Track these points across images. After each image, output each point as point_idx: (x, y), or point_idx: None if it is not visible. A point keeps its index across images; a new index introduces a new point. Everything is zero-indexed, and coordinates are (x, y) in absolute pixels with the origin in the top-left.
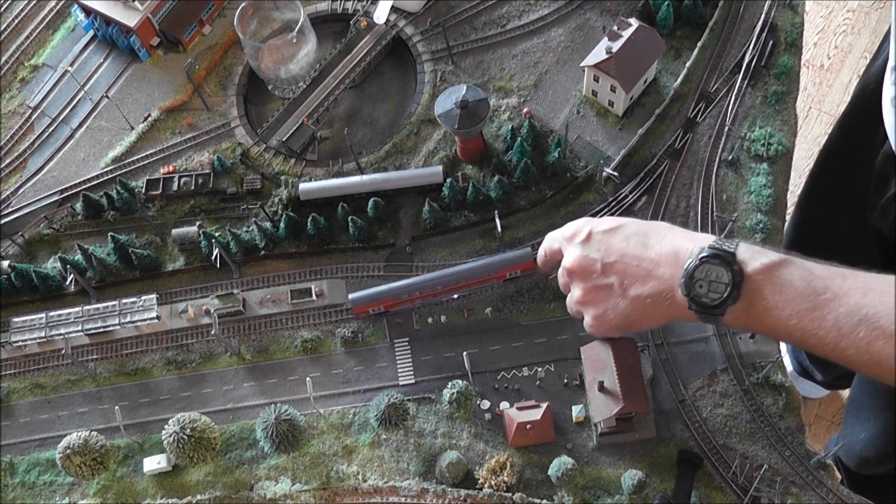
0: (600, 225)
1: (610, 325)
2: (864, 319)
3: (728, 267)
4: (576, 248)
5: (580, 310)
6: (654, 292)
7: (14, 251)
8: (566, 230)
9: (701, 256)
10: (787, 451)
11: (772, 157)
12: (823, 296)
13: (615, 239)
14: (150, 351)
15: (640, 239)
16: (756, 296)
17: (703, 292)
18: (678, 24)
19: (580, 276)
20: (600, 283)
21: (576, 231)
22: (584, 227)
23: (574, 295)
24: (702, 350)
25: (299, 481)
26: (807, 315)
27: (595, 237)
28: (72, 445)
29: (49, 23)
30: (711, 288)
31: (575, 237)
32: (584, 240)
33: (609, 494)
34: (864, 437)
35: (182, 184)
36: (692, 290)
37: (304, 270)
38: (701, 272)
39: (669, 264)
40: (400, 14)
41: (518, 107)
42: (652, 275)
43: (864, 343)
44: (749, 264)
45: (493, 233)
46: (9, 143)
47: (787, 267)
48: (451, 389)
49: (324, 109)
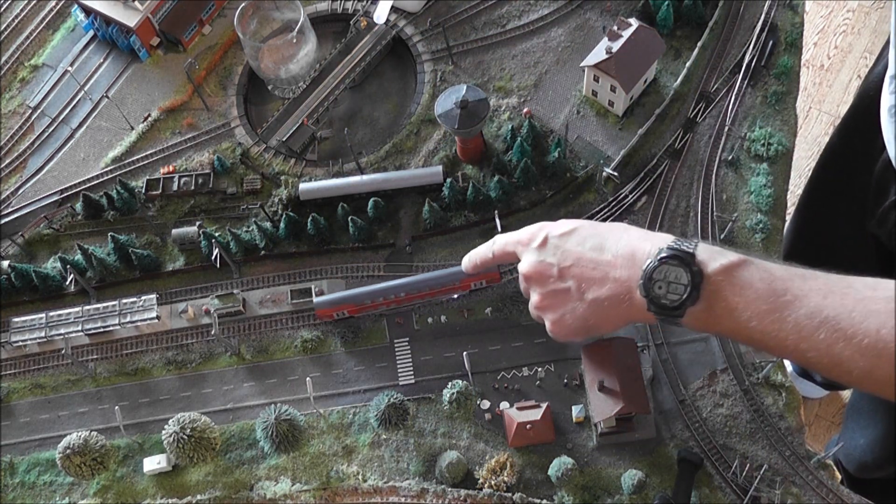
0: (555, 229)
1: (569, 330)
2: (825, 321)
3: (687, 268)
4: (532, 253)
5: (539, 315)
6: (612, 294)
7: (14, 251)
8: (521, 235)
9: (659, 257)
10: (787, 451)
11: (772, 157)
12: (784, 297)
13: (570, 242)
14: (150, 351)
15: (596, 241)
16: (716, 297)
17: (661, 293)
18: (678, 24)
19: (537, 281)
20: (557, 287)
21: (531, 236)
22: (540, 231)
23: (533, 300)
24: (702, 350)
25: (299, 481)
26: (767, 316)
27: (551, 242)
28: (72, 445)
29: (49, 23)
30: (670, 289)
31: (531, 242)
32: (539, 245)
33: (609, 494)
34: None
35: (182, 184)
36: (651, 292)
37: (304, 270)
38: (659, 273)
39: (626, 266)
40: (400, 14)
41: (518, 107)
42: (609, 277)
43: (825, 345)
44: (708, 265)
45: (493, 233)
46: (9, 143)
47: (747, 268)
48: (451, 389)
49: (324, 109)
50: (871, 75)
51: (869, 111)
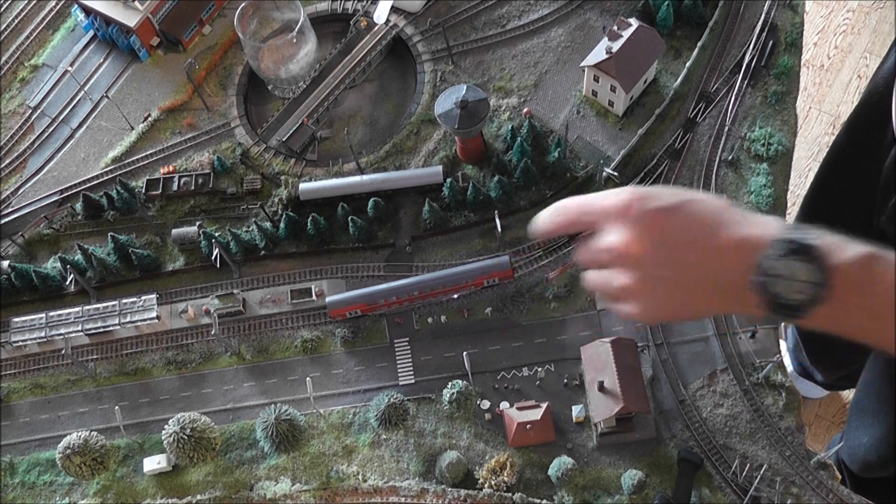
0: (653, 201)
1: (662, 317)
2: None
3: (813, 263)
4: (626, 228)
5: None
6: (720, 287)
7: (14, 251)
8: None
9: (779, 251)
10: (787, 451)
11: (772, 157)
12: None
13: (675, 222)
14: (150, 351)
15: (703, 224)
16: (848, 294)
17: (782, 292)
18: (678, 24)
19: (633, 263)
20: (656, 273)
21: (625, 207)
22: (635, 202)
23: (618, 281)
24: (702, 350)
25: (299, 481)
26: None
27: (650, 218)
28: (72, 445)
29: (49, 23)
30: (793, 288)
31: (624, 214)
32: (636, 219)
33: (609, 494)
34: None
35: (182, 184)
36: (768, 290)
37: (304, 270)
38: (779, 268)
39: (738, 256)
40: (400, 14)
41: (518, 107)
42: (719, 269)
43: None
44: (836, 256)
45: (493, 233)
46: (9, 143)
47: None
48: (451, 389)
49: (324, 109)
50: (879, 73)
51: (877, 109)
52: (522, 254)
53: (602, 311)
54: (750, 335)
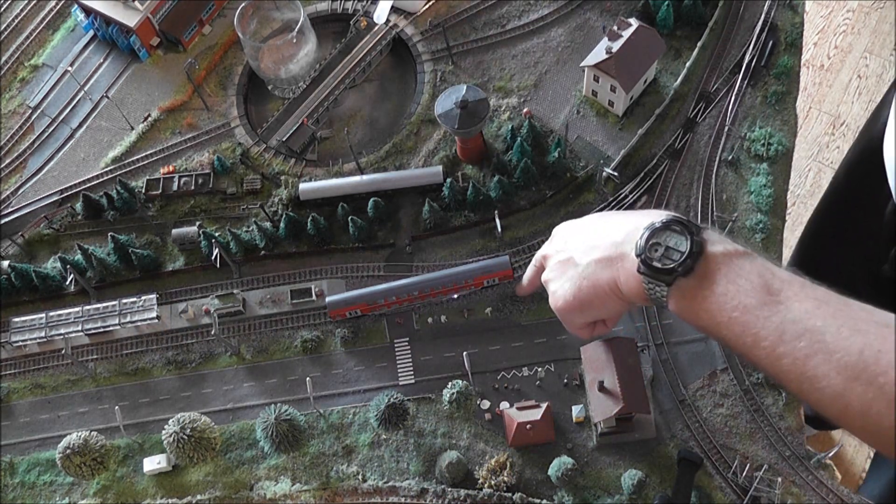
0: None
1: (564, 299)
2: (809, 330)
3: (690, 237)
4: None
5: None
6: (604, 257)
7: (14, 251)
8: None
9: (665, 220)
10: (787, 451)
11: (772, 157)
12: (776, 297)
13: (577, 223)
14: (150, 351)
15: (601, 218)
16: (709, 276)
17: (657, 255)
18: (678, 24)
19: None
20: (559, 258)
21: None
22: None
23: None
24: (702, 350)
25: (299, 481)
26: (752, 311)
27: (561, 228)
28: (72, 445)
29: (49, 23)
30: (667, 254)
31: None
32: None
33: (609, 494)
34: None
35: (182, 184)
36: (645, 252)
37: (304, 270)
38: (661, 236)
39: (623, 232)
40: (400, 14)
41: (518, 107)
42: (604, 242)
43: (802, 355)
44: (713, 244)
45: (493, 233)
46: (9, 143)
47: (750, 260)
48: (451, 389)
49: (324, 109)
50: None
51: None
52: (522, 254)
53: None
54: None
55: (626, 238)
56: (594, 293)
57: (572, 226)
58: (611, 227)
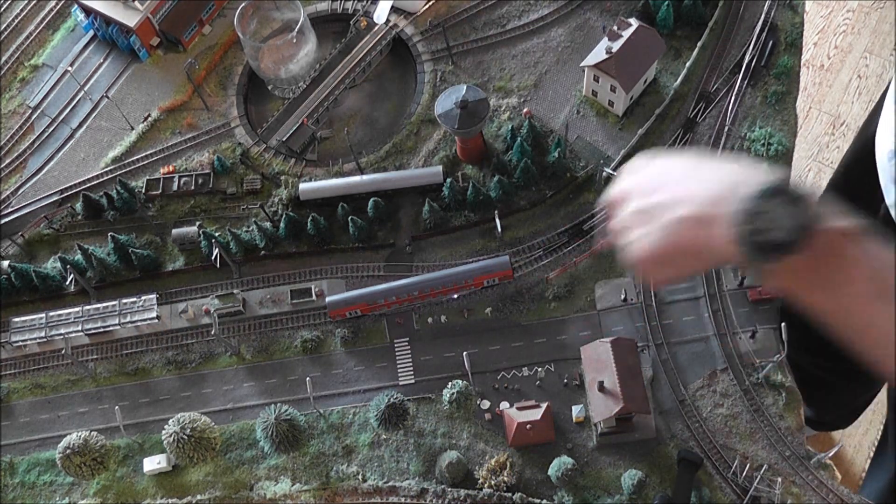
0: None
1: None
2: None
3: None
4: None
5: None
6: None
7: (14, 251)
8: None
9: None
10: (787, 451)
11: (772, 157)
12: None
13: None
14: (150, 351)
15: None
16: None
17: (758, 226)
18: (678, 24)
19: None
20: (641, 205)
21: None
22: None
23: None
24: (702, 350)
25: (299, 481)
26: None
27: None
28: (72, 445)
29: (49, 23)
30: (770, 225)
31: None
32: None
33: (609, 494)
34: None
35: (182, 184)
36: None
37: (304, 270)
38: (765, 204)
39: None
40: (400, 14)
41: (518, 107)
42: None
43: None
44: (829, 218)
45: (493, 233)
46: (9, 143)
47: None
48: (451, 389)
49: (324, 109)
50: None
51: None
52: (522, 254)
53: (602, 311)
54: (750, 335)
55: (720, 197)
56: (678, 251)
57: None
58: (702, 179)
